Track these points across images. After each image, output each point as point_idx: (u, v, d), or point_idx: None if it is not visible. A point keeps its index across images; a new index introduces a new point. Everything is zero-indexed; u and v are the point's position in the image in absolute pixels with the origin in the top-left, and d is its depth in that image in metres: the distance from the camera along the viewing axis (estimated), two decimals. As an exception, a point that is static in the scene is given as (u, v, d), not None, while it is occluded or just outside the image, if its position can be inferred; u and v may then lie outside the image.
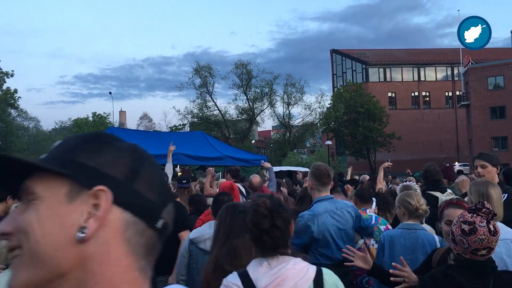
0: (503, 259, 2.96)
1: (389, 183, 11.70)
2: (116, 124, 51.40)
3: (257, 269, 2.04)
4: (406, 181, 8.58)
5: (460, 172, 16.71)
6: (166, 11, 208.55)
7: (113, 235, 0.73)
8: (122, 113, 70.98)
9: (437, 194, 4.90)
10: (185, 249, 3.71)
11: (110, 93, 56.23)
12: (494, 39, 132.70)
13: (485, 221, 2.23)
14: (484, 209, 2.26)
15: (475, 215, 2.27)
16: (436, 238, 3.86)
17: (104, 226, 0.73)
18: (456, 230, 2.29)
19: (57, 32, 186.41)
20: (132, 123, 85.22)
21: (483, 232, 2.20)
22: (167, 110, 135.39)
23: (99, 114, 47.03)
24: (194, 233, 3.74)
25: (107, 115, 47.83)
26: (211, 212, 4.01)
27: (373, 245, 4.77)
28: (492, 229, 2.21)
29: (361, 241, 4.77)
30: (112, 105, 79.80)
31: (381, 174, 7.22)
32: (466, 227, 2.24)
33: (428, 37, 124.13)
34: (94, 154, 0.77)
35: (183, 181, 6.70)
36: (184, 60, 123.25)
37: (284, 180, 10.75)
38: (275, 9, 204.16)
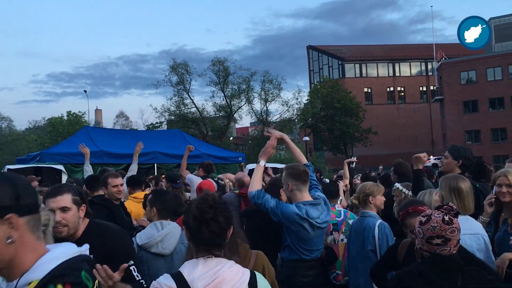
0: (474, 253, 3.06)
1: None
2: (92, 123, 50.66)
3: (193, 271, 1.99)
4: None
5: (435, 165, 17.08)
6: (140, 9, 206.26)
7: (23, 230, 1.39)
8: (98, 111, 69.95)
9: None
10: None
11: (85, 91, 55.34)
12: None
13: (442, 213, 2.32)
14: (445, 207, 2.36)
15: (434, 210, 2.37)
16: (377, 223, 4.12)
17: (18, 229, 1.38)
18: (416, 225, 2.40)
19: (28, 31, 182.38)
20: (108, 122, 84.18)
21: (436, 220, 2.29)
22: (143, 108, 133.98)
23: (74, 113, 46.22)
24: (141, 238, 3.50)
25: (83, 114, 47.04)
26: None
27: (342, 240, 4.81)
28: (447, 219, 2.28)
29: (330, 237, 4.82)
30: (87, 103, 78.68)
31: (345, 169, 7.40)
32: (423, 219, 2.36)
33: (402, 33, 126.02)
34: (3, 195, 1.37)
35: (178, 181, 6.69)
36: (159, 57, 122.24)
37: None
38: (250, 6, 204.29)
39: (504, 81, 42.13)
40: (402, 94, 57.78)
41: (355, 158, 8.29)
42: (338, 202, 5.35)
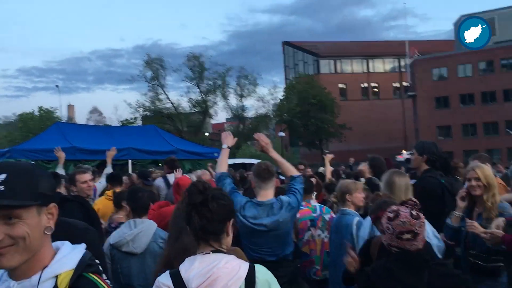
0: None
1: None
2: (64, 119, 49.72)
3: (189, 269, 1.99)
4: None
5: (408, 160, 17.35)
6: (113, 2, 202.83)
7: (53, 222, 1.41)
8: (70, 107, 68.66)
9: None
10: (106, 254, 3.46)
11: (57, 86, 54.35)
12: (437, 32, 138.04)
13: (409, 208, 2.35)
14: (410, 201, 2.42)
15: (400, 205, 2.42)
16: (354, 221, 4.17)
17: (53, 220, 1.40)
18: (384, 221, 2.42)
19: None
20: (81, 118, 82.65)
21: (405, 215, 2.33)
22: (117, 103, 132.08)
23: (45, 109, 45.29)
24: (114, 237, 3.51)
25: (54, 110, 46.16)
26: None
27: (319, 235, 4.85)
28: (415, 214, 2.32)
29: (308, 233, 4.85)
30: (59, 99, 77.10)
31: (328, 166, 7.56)
32: (391, 214, 2.39)
33: (375, 30, 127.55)
34: (43, 184, 1.36)
35: (148, 179, 6.64)
36: (133, 52, 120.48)
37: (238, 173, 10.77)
38: (225, 1, 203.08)
39: (475, 78, 43.15)
40: (376, 90, 58.55)
41: (332, 155, 8.52)
42: (313, 197, 5.39)
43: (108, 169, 7.18)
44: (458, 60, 43.70)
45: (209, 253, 2.01)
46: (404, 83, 54.86)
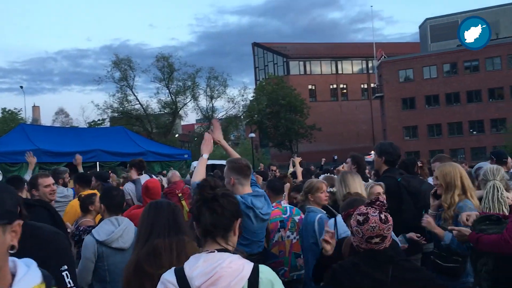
0: None
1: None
2: (29, 120, 48.40)
3: (193, 267, 1.98)
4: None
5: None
6: (79, 1, 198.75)
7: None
8: (35, 108, 66.83)
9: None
10: (93, 253, 3.47)
11: (21, 87, 52.83)
12: (403, 34, 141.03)
13: (378, 211, 2.40)
14: (378, 202, 2.44)
15: (369, 207, 2.44)
16: (316, 218, 4.27)
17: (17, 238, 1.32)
18: (353, 223, 2.46)
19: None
20: (47, 119, 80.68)
21: (374, 220, 2.36)
22: (85, 104, 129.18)
23: (9, 110, 44.00)
24: (101, 235, 3.51)
25: (19, 111, 44.92)
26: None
27: (288, 237, 4.89)
28: (383, 217, 2.37)
29: (278, 234, 4.88)
30: (23, 100, 74.97)
31: (298, 168, 7.62)
32: (360, 218, 2.41)
33: (343, 32, 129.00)
34: (8, 201, 1.32)
35: (108, 180, 6.51)
36: (101, 52, 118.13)
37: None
38: (193, 2, 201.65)
39: (439, 79, 44.34)
40: (345, 91, 59.39)
41: (300, 158, 8.66)
42: (284, 198, 5.42)
43: (28, 176, 7.06)
44: (423, 62, 44.82)
45: (214, 251, 2.01)
46: (372, 85, 55.87)
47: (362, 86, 59.67)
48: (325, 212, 4.45)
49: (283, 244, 4.84)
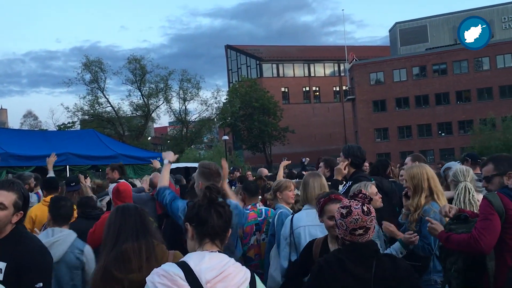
0: None
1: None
2: (-5, 123, 47.05)
3: (199, 262, 2.00)
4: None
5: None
6: (48, 2, 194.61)
7: None
8: (2, 111, 65.22)
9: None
10: None
11: (-13, 89, 51.22)
12: (373, 38, 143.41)
13: (360, 204, 2.45)
14: (360, 195, 2.49)
15: (352, 200, 2.50)
16: (277, 212, 4.50)
17: None
18: (337, 216, 2.50)
19: None
20: (14, 122, 78.59)
21: (357, 212, 2.41)
22: (54, 107, 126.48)
23: (-26, 113, 42.69)
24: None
25: (-16, 114, 43.61)
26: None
27: (263, 239, 4.89)
28: (366, 209, 2.43)
29: (253, 237, 4.88)
30: (-11, 102, 72.75)
31: (281, 171, 7.61)
32: (343, 211, 2.47)
33: (315, 35, 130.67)
34: None
35: (72, 184, 6.30)
36: (70, 54, 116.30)
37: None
38: (165, 4, 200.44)
39: (409, 82, 45.24)
40: (317, 94, 59.94)
41: (289, 160, 8.50)
42: (259, 200, 5.43)
43: (51, 176, 6.89)
44: (393, 65, 45.66)
45: (216, 252, 2.07)
46: (344, 87, 56.57)
47: (334, 88, 60.33)
48: (291, 210, 4.58)
49: (259, 247, 4.84)
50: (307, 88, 59.30)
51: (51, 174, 6.97)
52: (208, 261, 2.00)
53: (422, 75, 45.39)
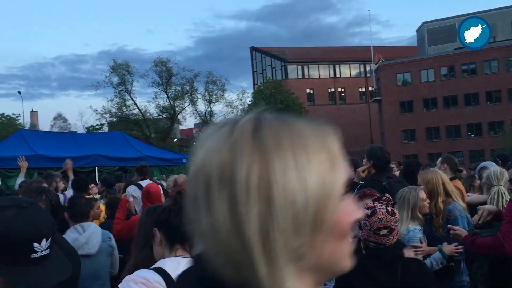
0: None
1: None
2: (27, 126, 48.38)
3: (177, 268, 1.92)
4: None
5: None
6: (77, 7, 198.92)
7: None
8: (33, 113, 66.82)
9: None
10: None
11: (19, 92, 52.71)
12: (400, 38, 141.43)
13: (384, 204, 2.46)
14: (384, 197, 2.50)
15: (376, 202, 2.50)
16: None
17: None
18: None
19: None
20: (45, 124, 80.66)
21: (382, 212, 2.44)
22: (83, 109, 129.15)
23: (7, 115, 44.03)
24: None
25: (17, 116, 44.95)
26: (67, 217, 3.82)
27: None
28: (390, 210, 2.43)
29: None
30: (22, 105, 74.86)
31: None
32: (368, 211, 2.48)
33: (340, 36, 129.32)
34: None
35: (113, 187, 6.49)
36: (98, 58, 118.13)
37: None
38: (190, 7, 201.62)
39: (437, 83, 44.46)
40: (343, 95, 59.48)
41: None
42: None
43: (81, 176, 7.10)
44: (421, 66, 44.95)
45: (188, 257, 2.03)
46: (370, 88, 55.96)
47: (360, 89, 59.76)
48: None
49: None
50: (333, 90, 58.89)
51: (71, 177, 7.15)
52: (185, 267, 1.94)
53: (451, 75, 44.53)
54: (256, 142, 0.70)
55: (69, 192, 6.30)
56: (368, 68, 57.95)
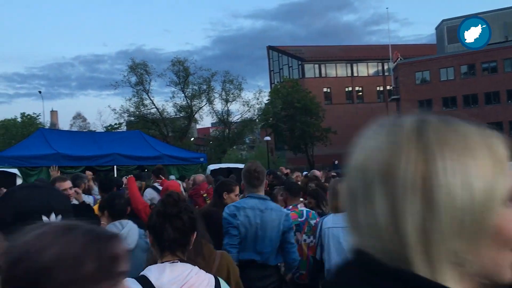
0: (341, 243, 3.92)
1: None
2: (48, 125, 49.15)
3: (160, 276, 1.95)
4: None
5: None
6: (95, 8, 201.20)
7: None
8: (53, 113, 67.85)
9: None
10: None
11: (40, 92, 53.56)
12: (419, 36, 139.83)
13: None
14: None
15: None
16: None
17: None
18: None
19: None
20: (64, 123, 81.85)
21: None
22: (101, 109, 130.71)
23: (28, 115, 44.75)
24: None
25: (37, 116, 45.66)
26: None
27: (305, 240, 4.87)
28: None
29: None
30: (42, 105, 76.06)
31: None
32: None
33: (357, 34, 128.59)
34: None
35: (120, 188, 6.56)
36: (117, 58, 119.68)
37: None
38: (207, 7, 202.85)
39: (457, 81, 43.81)
40: (360, 94, 59.03)
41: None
42: (301, 201, 5.40)
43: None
44: (440, 64, 44.34)
45: (177, 262, 2.02)
46: (388, 87, 55.42)
47: (377, 88, 59.25)
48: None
49: (300, 247, 4.83)
50: (350, 88, 58.50)
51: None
52: (170, 274, 1.95)
53: (471, 74, 43.82)
54: (420, 143, 0.70)
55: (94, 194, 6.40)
56: (386, 67, 57.42)
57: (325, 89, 56.93)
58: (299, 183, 7.51)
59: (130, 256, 3.23)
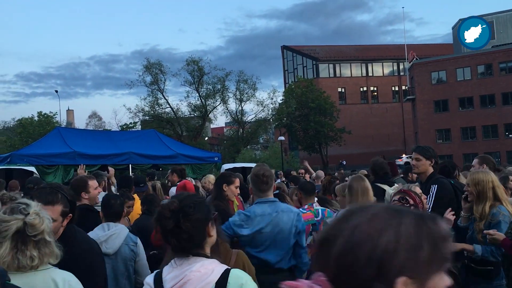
0: None
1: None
2: (64, 124, 49.71)
3: (167, 270, 2.05)
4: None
5: (407, 164, 17.41)
6: (111, 8, 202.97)
7: None
8: (69, 112, 68.61)
9: (385, 186, 5.10)
10: None
11: (56, 91, 54.23)
12: (434, 36, 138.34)
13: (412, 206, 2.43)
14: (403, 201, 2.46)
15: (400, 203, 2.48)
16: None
17: None
18: None
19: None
20: (80, 122, 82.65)
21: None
22: (117, 108, 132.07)
23: (45, 114, 45.30)
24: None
25: (54, 114, 46.18)
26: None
27: None
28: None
29: (310, 238, 4.83)
30: (58, 104, 77.02)
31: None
32: None
33: (372, 34, 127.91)
34: None
35: (141, 185, 6.60)
36: (132, 57, 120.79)
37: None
38: (221, 6, 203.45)
39: (473, 81, 43.23)
40: (375, 94, 58.62)
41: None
42: (315, 200, 5.38)
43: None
44: (457, 64, 43.80)
45: (189, 256, 2.03)
46: (403, 87, 54.93)
47: (393, 88, 58.78)
48: None
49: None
50: (365, 88, 58.14)
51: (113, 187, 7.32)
52: (174, 270, 2.02)
53: (488, 74, 43.20)
54: None
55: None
56: (401, 67, 56.93)
57: (339, 89, 56.67)
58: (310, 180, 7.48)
59: (110, 260, 3.23)
